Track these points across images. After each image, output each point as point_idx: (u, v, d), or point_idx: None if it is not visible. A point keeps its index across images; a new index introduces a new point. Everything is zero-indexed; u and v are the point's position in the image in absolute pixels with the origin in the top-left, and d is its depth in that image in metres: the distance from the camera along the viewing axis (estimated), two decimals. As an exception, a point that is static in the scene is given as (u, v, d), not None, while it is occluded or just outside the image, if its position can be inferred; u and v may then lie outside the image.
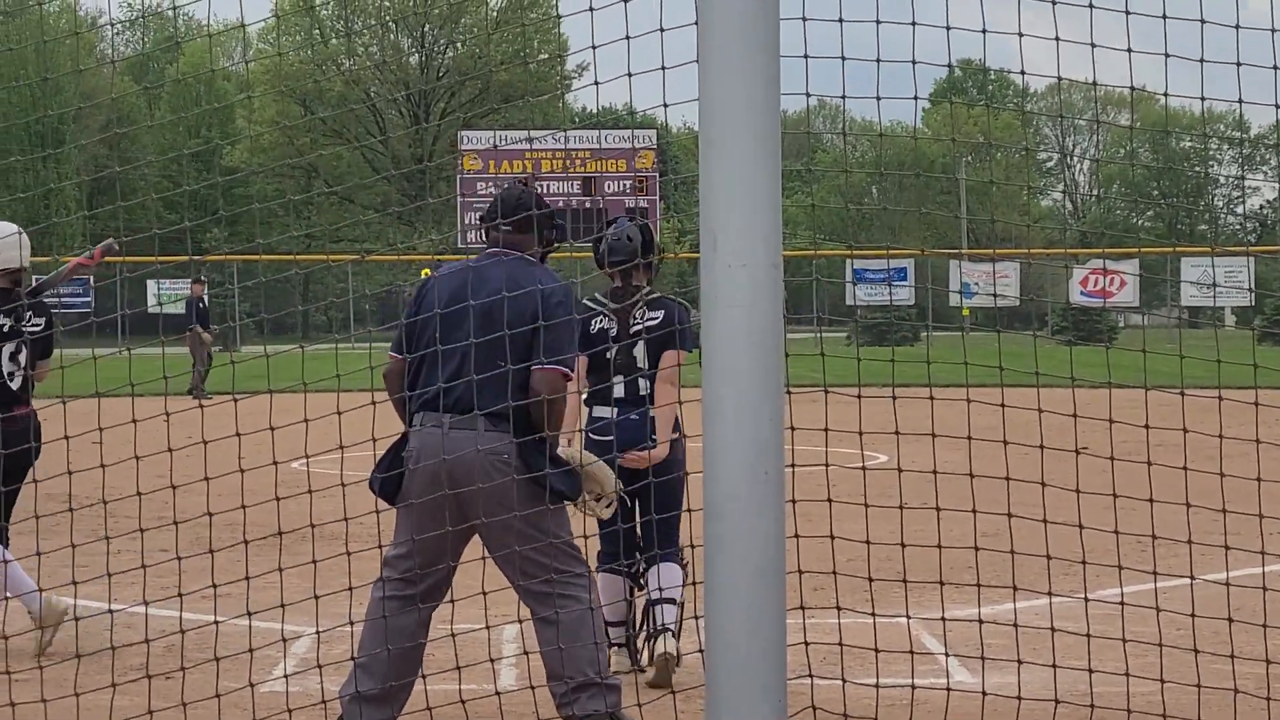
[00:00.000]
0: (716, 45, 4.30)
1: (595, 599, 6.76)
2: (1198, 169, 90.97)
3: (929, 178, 78.27)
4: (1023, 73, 5.96)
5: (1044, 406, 6.45)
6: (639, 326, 8.13)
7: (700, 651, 4.62)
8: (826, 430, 6.18)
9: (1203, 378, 6.24)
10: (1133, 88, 6.91)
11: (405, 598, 6.69)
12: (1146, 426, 6.78)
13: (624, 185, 54.23)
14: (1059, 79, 6.15)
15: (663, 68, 5.38)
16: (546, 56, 74.81)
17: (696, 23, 4.34)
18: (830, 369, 6.18)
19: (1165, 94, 6.58)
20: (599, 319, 8.25)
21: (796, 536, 6.33)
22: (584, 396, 8.10)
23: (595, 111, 73.22)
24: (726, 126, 4.30)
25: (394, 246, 48.73)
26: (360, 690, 6.66)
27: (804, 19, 5.61)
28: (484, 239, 7.09)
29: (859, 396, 6.11)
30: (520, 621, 6.90)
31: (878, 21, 5.77)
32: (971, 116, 70.96)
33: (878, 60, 5.81)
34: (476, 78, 72.01)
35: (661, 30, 5.34)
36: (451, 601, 6.84)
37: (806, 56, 5.98)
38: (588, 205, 52.33)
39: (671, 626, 8.11)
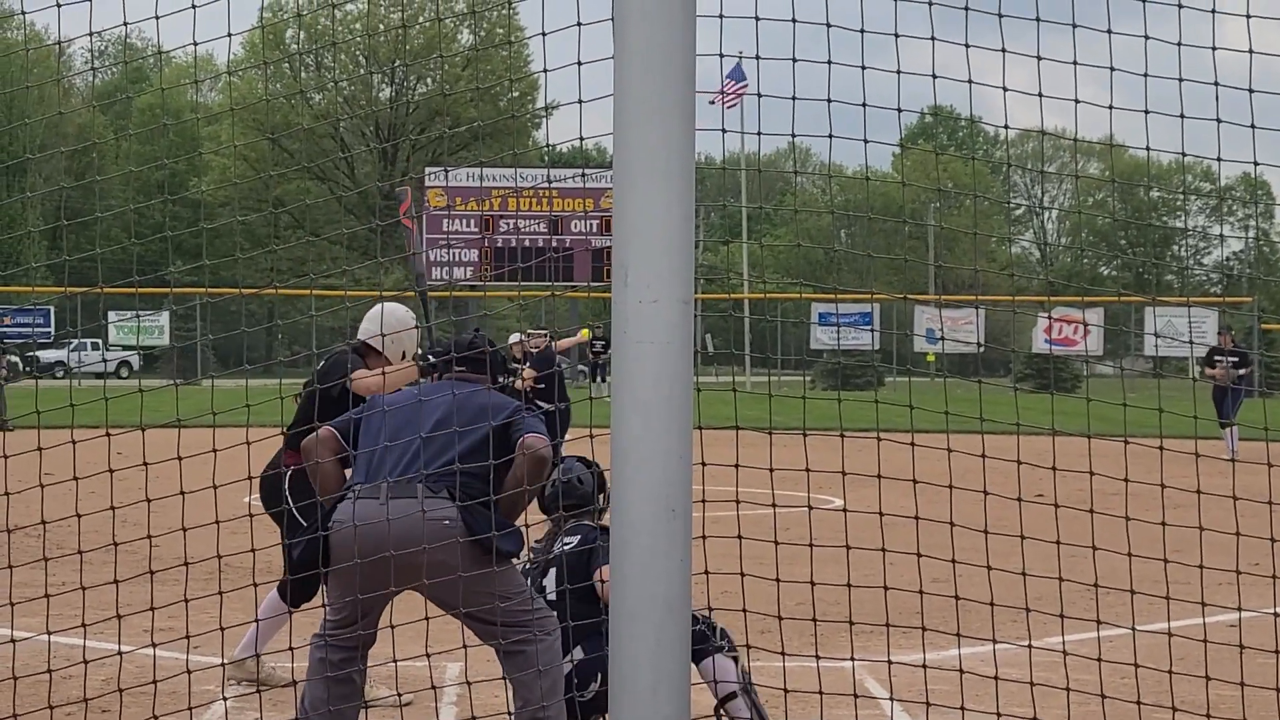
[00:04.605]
0: (633, 79, 4.29)
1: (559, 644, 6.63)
2: (1164, 219, 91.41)
3: (895, 223, 78.42)
4: (971, 119, 5.98)
5: (1004, 455, 6.43)
6: (555, 554, 7.36)
7: None
8: (771, 470, 6.17)
9: (1166, 427, 6.22)
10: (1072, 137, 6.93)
11: (342, 661, 6.57)
12: (1090, 473, 6.77)
13: (591, 225, 54.27)
14: (1005, 127, 6.18)
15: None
16: (517, 94, 74.91)
17: (614, 56, 4.34)
18: (792, 412, 6.12)
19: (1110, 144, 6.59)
20: None
21: (741, 575, 6.34)
22: None
23: (565, 151, 73.41)
24: (640, 161, 4.29)
25: (359, 282, 48.53)
26: None
27: (757, 58, 5.65)
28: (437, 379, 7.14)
29: (804, 435, 6.10)
30: (465, 647, 6.78)
31: (829, 63, 5.79)
32: (941, 163, 71.04)
33: (828, 100, 5.85)
34: (445, 114, 72.04)
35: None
36: (391, 628, 6.75)
37: (760, 94, 6.03)
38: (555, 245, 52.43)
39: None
